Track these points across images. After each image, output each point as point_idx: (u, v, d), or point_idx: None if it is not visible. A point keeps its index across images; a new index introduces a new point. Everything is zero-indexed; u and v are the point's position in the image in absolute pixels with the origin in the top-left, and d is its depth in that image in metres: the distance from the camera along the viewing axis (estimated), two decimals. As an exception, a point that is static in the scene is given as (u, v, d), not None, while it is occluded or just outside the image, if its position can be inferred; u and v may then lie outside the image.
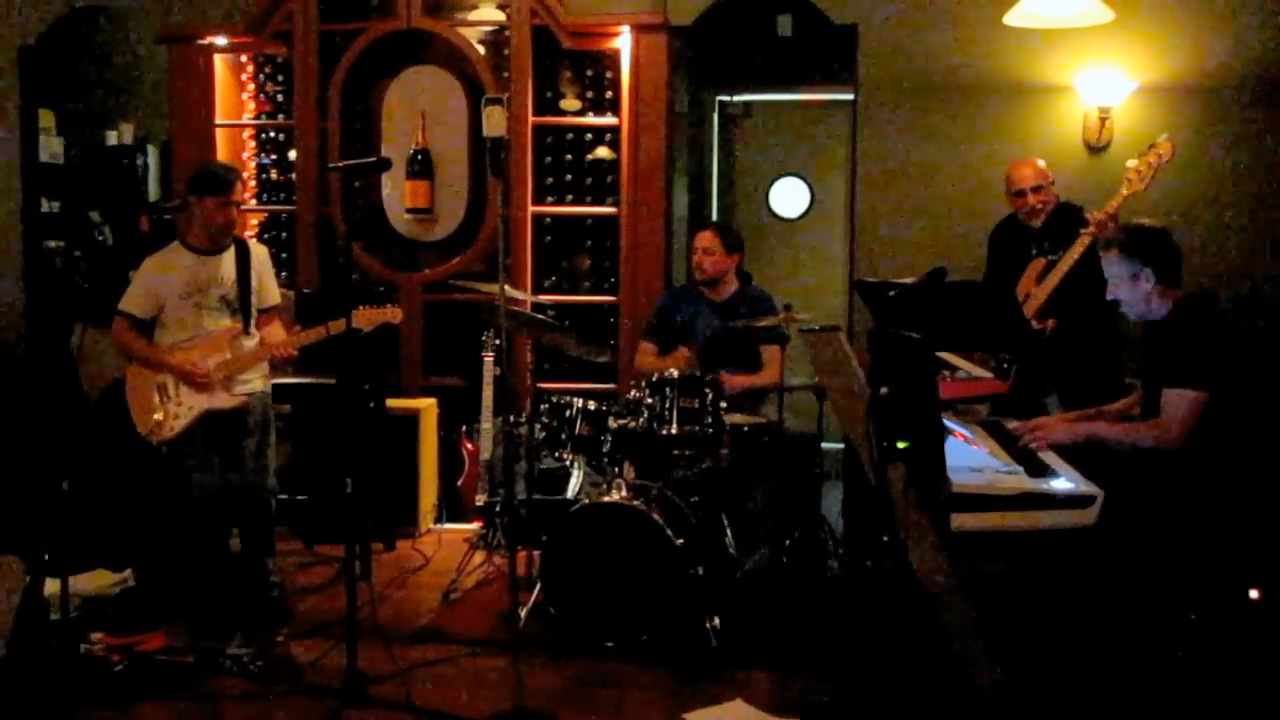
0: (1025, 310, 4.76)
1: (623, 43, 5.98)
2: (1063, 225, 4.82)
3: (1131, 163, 4.55)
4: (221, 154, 6.31)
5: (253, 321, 4.59)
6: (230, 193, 4.48)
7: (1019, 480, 3.21)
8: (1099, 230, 4.46)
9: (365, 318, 4.58)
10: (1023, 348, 4.58)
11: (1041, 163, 5.05)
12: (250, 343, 4.58)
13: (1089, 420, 3.74)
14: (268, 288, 4.70)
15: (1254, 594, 3.26)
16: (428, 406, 5.99)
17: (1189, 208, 5.67)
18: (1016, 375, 4.58)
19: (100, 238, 6.64)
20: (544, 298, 6.04)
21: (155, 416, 4.44)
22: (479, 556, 5.24)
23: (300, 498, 5.67)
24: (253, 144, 6.53)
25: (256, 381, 4.62)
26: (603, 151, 6.17)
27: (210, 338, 4.51)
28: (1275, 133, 5.62)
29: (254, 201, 6.43)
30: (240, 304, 4.56)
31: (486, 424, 5.55)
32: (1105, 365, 4.84)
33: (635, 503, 4.28)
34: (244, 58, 6.44)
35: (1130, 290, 3.53)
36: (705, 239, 5.33)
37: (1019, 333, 4.57)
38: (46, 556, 4.12)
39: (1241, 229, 5.69)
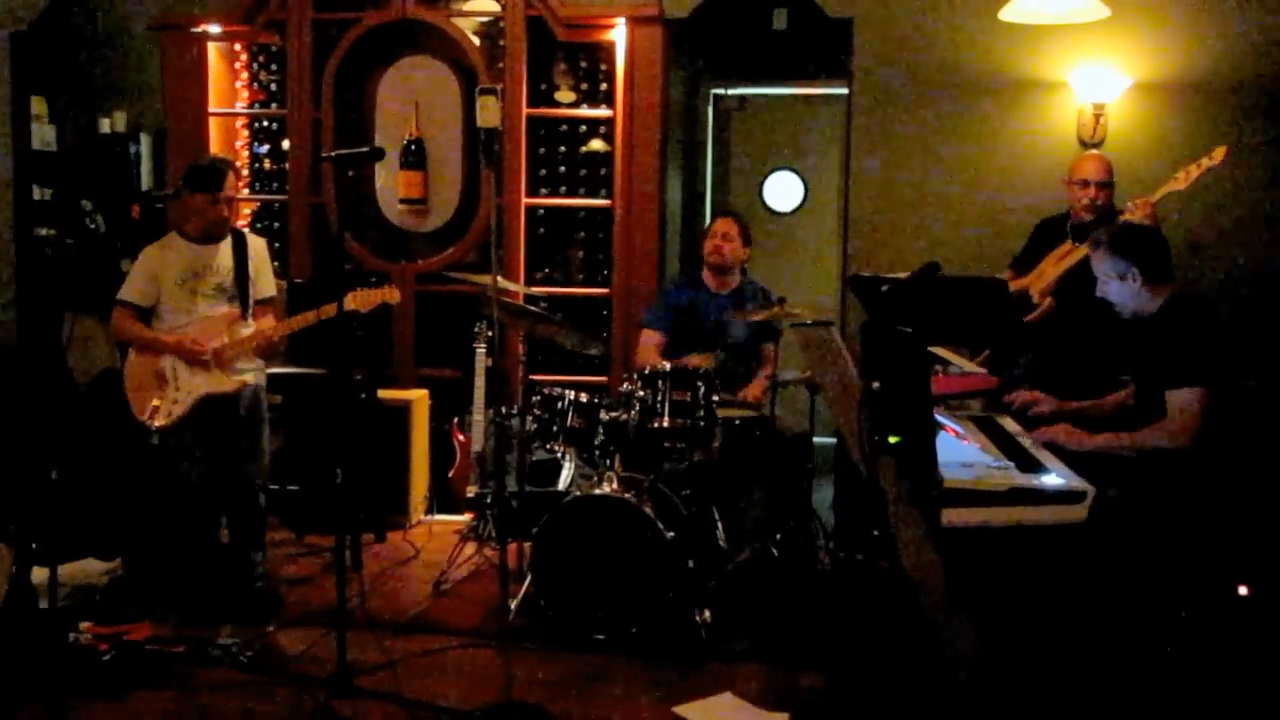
0: (1033, 286, 4.73)
1: (617, 35, 5.96)
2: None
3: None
4: (215, 143, 6.30)
5: (250, 310, 4.59)
6: (220, 189, 4.47)
7: (1010, 476, 3.21)
8: (1131, 215, 4.47)
9: (363, 299, 4.57)
10: (1016, 340, 4.59)
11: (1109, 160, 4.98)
12: (247, 330, 4.57)
13: (1083, 409, 3.76)
14: (264, 279, 4.70)
15: (1243, 590, 3.28)
16: (419, 397, 5.98)
17: (1183, 204, 5.66)
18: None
19: (92, 226, 6.61)
20: (537, 289, 6.04)
21: (154, 403, 4.43)
22: (470, 548, 5.24)
23: (291, 488, 5.65)
24: (246, 133, 6.51)
25: (250, 375, 4.61)
26: (597, 144, 6.16)
27: (208, 322, 4.51)
28: (1269, 130, 5.62)
29: (247, 191, 6.42)
30: (238, 291, 4.55)
31: (478, 415, 5.54)
32: (1095, 358, 4.82)
33: (626, 495, 4.28)
34: (237, 46, 6.42)
35: (1119, 288, 3.59)
36: (725, 224, 5.30)
37: (1013, 324, 4.57)
38: (34, 545, 4.11)
39: (1235, 224, 5.69)
